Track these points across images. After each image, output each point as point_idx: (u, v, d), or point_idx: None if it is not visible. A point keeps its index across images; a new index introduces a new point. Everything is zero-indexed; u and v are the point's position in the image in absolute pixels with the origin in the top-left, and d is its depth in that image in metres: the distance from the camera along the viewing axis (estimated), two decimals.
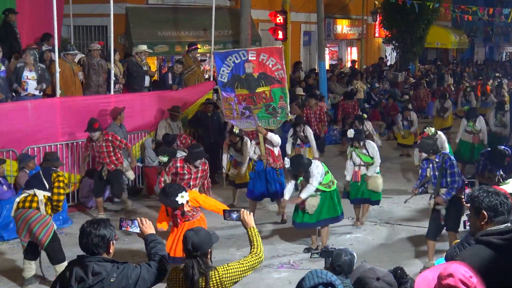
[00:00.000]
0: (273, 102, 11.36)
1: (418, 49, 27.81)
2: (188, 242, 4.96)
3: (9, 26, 13.67)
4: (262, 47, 12.57)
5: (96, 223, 4.71)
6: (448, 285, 3.55)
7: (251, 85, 11.29)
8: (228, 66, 11.32)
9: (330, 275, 4.09)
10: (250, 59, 11.19)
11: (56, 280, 4.77)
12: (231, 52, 11.60)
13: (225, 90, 11.58)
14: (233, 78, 11.36)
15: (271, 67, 11.15)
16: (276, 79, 11.21)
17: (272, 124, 11.56)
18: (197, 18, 20.09)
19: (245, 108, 11.48)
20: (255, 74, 11.24)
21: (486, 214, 4.26)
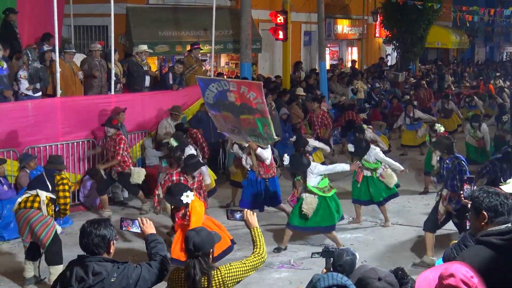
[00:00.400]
0: (258, 128, 11.04)
1: (418, 49, 27.79)
2: (189, 242, 4.96)
3: (9, 26, 13.68)
4: (242, 81, 12.17)
5: (96, 223, 4.71)
6: (449, 285, 3.55)
7: (234, 112, 11.06)
8: (212, 91, 11.12)
9: (346, 279, 4.08)
10: (232, 89, 10.89)
11: (57, 280, 4.77)
12: (213, 80, 11.41)
13: (213, 109, 11.49)
14: (218, 101, 11.18)
15: (251, 100, 10.75)
16: (258, 110, 10.81)
17: (261, 143, 11.23)
18: (198, 18, 20.09)
19: (234, 125, 11.32)
20: (237, 103, 10.94)
21: (486, 215, 4.26)
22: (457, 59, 40.07)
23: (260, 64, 24.65)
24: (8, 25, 13.70)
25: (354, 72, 25.19)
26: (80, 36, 19.47)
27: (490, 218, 4.26)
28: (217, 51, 19.97)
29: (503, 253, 4.01)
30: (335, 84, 22.38)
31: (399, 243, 10.67)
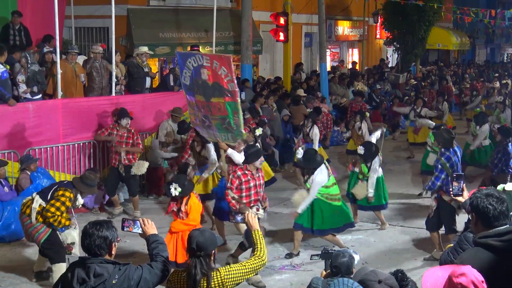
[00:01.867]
0: (228, 116, 10.29)
1: (419, 50, 27.81)
2: (192, 241, 4.97)
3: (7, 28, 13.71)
4: (214, 54, 11.41)
5: (98, 225, 4.72)
6: (459, 283, 3.56)
7: (206, 93, 10.40)
8: (189, 69, 10.52)
9: (357, 285, 4.10)
10: (205, 65, 10.24)
11: (58, 282, 4.78)
12: (189, 54, 10.77)
13: (188, 93, 10.87)
14: (193, 82, 10.58)
15: (223, 78, 10.09)
16: (229, 92, 10.13)
17: (230, 140, 10.49)
18: (199, 19, 20.10)
19: (205, 116, 10.60)
20: (210, 82, 10.27)
21: (475, 217, 4.28)
22: (457, 61, 40.07)
23: (261, 65, 24.66)
24: (6, 27, 13.73)
25: (354, 74, 25.19)
26: (81, 38, 19.49)
27: (478, 220, 4.26)
28: (217, 52, 19.97)
29: (502, 254, 4.01)
30: (335, 86, 22.39)
31: (400, 245, 10.67)
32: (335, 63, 29.12)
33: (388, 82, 26.00)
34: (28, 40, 14.13)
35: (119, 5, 16.31)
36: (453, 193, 5.95)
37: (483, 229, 4.20)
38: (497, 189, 4.43)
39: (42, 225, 8.48)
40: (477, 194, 4.29)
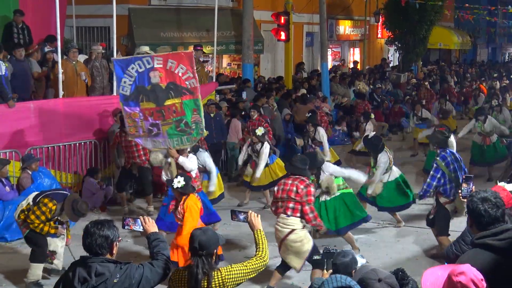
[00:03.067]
0: (185, 116, 9.93)
1: (420, 50, 27.79)
2: (195, 240, 4.98)
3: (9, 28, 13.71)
4: (170, 53, 10.85)
5: (100, 224, 4.74)
6: (459, 282, 3.57)
7: (159, 98, 9.87)
8: (131, 76, 9.85)
9: (350, 280, 4.10)
10: (156, 66, 9.77)
11: (59, 281, 4.79)
12: (133, 60, 10.05)
13: (127, 104, 10.07)
14: (137, 90, 9.90)
15: (180, 76, 9.75)
16: (187, 90, 9.82)
17: (186, 142, 10.10)
18: (200, 19, 20.11)
19: (153, 124, 10.04)
20: (163, 84, 9.82)
21: (470, 219, 4.29)
22: (459, 60, 40.06)
23: (262, 65, 24.66)
24: (9, 26, 13.74)
25: (356, 73, 25.18)
26: (82, 37, 19.50)
27: (473, 222, 4.27)
28: (219, 52, 20.00)
29: (501, 253, 4.01)
30: (336, 85, 22.38)
31: (401, 244, 10.67)
32: (336, 63, 29.11)
33: (389, 81, 25.99)
34: (30, 39, 14.13)
35: (120, 4, 16.33)
36: (462, 195, 5.96)
37: (478, 231, 4.21)
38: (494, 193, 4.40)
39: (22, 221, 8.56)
40: (474, 198, 4.30)
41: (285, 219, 8.20)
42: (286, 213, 8.18)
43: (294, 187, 8.16)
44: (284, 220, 8.21)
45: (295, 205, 8.15)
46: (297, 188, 8.13)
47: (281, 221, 8.26)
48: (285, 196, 8.19)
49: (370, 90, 23.32)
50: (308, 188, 8.17)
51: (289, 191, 8.18)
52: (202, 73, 16.42)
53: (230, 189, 14.25)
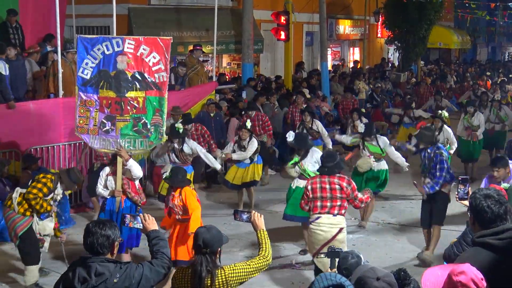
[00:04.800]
0: (146, 115, 8.84)
1: (420, 49, 27.82)
2: (199, 238, 4.99)
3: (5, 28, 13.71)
4: (145, 37, 9.50)
5: (101, 223, 4.74)
6: (459, 281, 3.56)
7: (121, 86, 8.77)
8: (95, 58, 8.78)
9: (340, 277, 4.09)
10: (126, 51, 8.76)
11: (59, 281, 4.78)
12: (100, 40, 8.91)
13: (85, 90, 8.89)
14: (99, 74, 8.83)
15: (151, 66, 8.78)
16: (155, 84, 8.82)
17: (139, 146, 9.00)
18: (200, 18, 20.12)
19: (108, 117, 8.88)
20: (129, 72, 8.77)
21: (472, 217, 4.28)
22: (459, 59, 40.08)
23: (262, 64, 24.67)
24: (4, 26, 13.73)
25: (355, 73, 25.18)
26: None
27: (475, 220, 4.26)
28: (219, 51, 20.00)
29: (501, 253, 4.01)
30: (336, 85, 22.38)
31: (401, 244, 10.67)
32: (336, 62, 29.12)
33: (389, 81, 26.00)
34: (23, 38, 14.11)
35: (120, 4, 16.32)
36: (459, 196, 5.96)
37: (479, 230, 4.20)
38: (497, 190, 4.40)
39: (22, 217, 8.48)
40: (477, 195, 4.29)
41: (331, 218, 8.00)
42: (333, 213, 8.00)
43: (337, 185, 8.01)
44: (331, 219, 8.00)
45: (342, 203, 8.04)
46: (341, 186, 8.00)
47: (326, 221, 8.00)
48: (327, 196, 8.01)
49: (370, 90, 23.33)
50: (352, 185, 8.10)
51: (332, 190, 8.02)
52: (202, 73, 16.44)
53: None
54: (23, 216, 8.51)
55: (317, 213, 8.03)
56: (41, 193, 8.40)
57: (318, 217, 8.02)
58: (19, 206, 8.50)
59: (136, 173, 8.83)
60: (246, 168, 12.33)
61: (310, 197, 8.10)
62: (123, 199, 8.83)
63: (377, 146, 11.42)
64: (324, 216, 7.99)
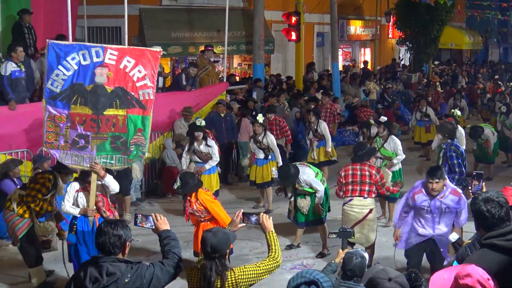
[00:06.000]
0: (126, 134, 7.78)
1: (432, 50, 27.73)
2: (206, 244, 4.99)
3: (19, 27, 13.75)
4: (130, 47, 8.40)
5: (113, 223, 4.77)
6: (465, 285, 3.56)
7: (99, 103, 7.64)
8: (67, 69, 7.58)
9: (316, 273, 4.10)
10: (107, 62, 7.59)
11: (71, 280, 4.80)
12: (77, 48, 7.66)
13: (54, 104, 7.71)
14: (72, 88, 7.64)
15: (135, 81, 7.62)
16: (138, 102, 7.71)
17: (116, 163, 7.92)
18: (211, 19, 20.14)
19: (81, 135, 7.75)
20: (109, 87, 7.61)
21: (476, 221, 4.27)
22: (470, 60, 39.91)
23: (273, 65, 24.67)
24: (18, 26, 13.78)
25: (366, 73, 25.13)
26: (93, 38, 19.55)
27: (479, 224, 4.25)
28: (230, 52, 20.01)
29: (508, 253, 3.99)
30: (347, 85, 22.35)
31: None
32: (347, 63, 29.06)
33: (400, 81, 25.94)
34: (36, 38, 14.17)
35: (132, 4, 16.35)
36: (472, 191, 5.97)
37: (484, 232, 4.19)
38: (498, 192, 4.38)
39: (21, 219, 8.47)
40: (477, 200, 4.29)
41: (362, 201, 8.91)
42: (363, 195, 8.90)
43: (367, 172, 8.94)
44: (362, 201, 8.91)
45: (371, 188, 8.93)
46: (370, 173, 8.93)
47: (357, 203, 8.92)
48: (358, 180, 8.91)
49: (381, 90, 23.29)
50: (380, 173, 9.12)
51: (362, 176, 8.92)
52: (213, 73, 16.45)
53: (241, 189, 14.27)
54: (22, 218, 8.48)
55: (349, 196, 8.95)
56: (40, 194, 8.36)
57: (351, 199, 8.95)
58: (18, 207, 8.47)
59: (114, 189, 8.01)
60: (263, 166, 12.46)
61: (343, 182, 9.02)
62: (96, 217, 7.94)
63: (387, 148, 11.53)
64: (356, 199, 8.92)
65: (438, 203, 7.67)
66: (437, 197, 7.64)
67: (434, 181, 7.53)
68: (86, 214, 7.85)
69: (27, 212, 8.48)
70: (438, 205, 7.68)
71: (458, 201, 7.79)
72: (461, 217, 7.92)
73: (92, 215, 7.86)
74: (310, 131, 13.94)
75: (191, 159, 11.66)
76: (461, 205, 7.84)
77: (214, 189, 11.53)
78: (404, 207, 8.07)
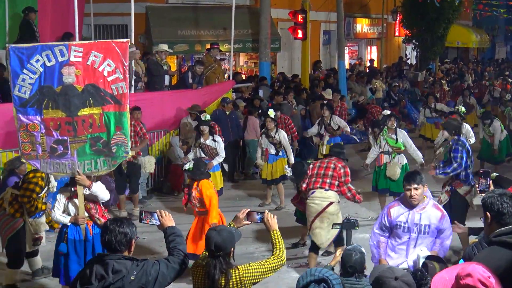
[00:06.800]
0: (105, 133, 7.39)
1: (438, 48, 27.66)
2: (211, 242, 4.99)
3: (28, 25, 13.78)
4: (96, 41, 7.84)
5: (119, 221, 4.78)
6: (466, 285, 3.55)
7: (71, 104, 7.19)
8: (33, 72, 7.12)
9: (325, 271, 4.10)
10: (73, 60, 7.14)
11: (77, 278, 4.81)
12: (39, 49, 7.17)
13: (24, 111, 7.23)
14: (41, 92, 7.17)
15: (106, 76, 7.23)
16: (112, 97, 7.32)
17: (102, 167, 7.50)
18: (217, 17, 20.14)
19: (58, 141, 7.31)
20: (79, 86, 7.18)
21: (489, 215, 4.26)
22: (477, 58, 39.81)
23: (279, 63, 24.65)
24: (27, 24, 13.81)
25: (373, 72, 25.09)
26: (100, 35, 19.57)
27: (493, 219, 4.24)
28: (236, 50, 20.01)
29: None
30: (353, 84, 22.32)
31: None
32: (354, 61, 29.03)
33: (406, 80, 25.89)
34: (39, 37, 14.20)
35: (138, 2, 16.39)
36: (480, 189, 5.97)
37: (497, 228, 4.19)
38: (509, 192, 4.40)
39: (11, 219, 8.44)
40: (490, 194, 4.29)
41: (323, 193, 8.69)
42: (324, 188, 8.70)
43: (332, 165, 8.84)
44: (322, 194, 8.69)
45: (332, 181, 8.74)
46: (335, 166, 8.82)
47: (318, 195, 8.71)
48: (321, 172, 8.78)
49: (387, 88, 23.25)
50: (346, 170, 8.88)
51: (326, 168, 8.82)
52: (219, 71, 16.45)
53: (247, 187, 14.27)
54: (13, 218, 8.44)
55: (311, 187, 8.79)
56: (34, 194, 8.32)
57: (313, 191, 8.77)
58: (10, 206, 8.43)
59: (102, 198, 7.60)
60: (274, 163, 12.50)
61: (308, 175, 8.93)
62: (89, 224, 7.59)
63: (395, 139, 11.47)
64: (317, 191, 8.72)
65: (417, 216, 6.45)
66: (416, 209, 6.46)
67: (412, 186, 6.38)
68: (77, 222, 7.51)
69: (19, 212, 8.44)
70: (417, 219, 6.45)
71: (441, 219, 6.51)
72: (445, 241, 6.62)
73: (84, 222, 7.50)
74: (322, 125, 13.92)
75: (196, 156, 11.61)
76: (444, 225, 6.55)
77: (217, 187, 11.49)
78: (380, 229, 6.74)
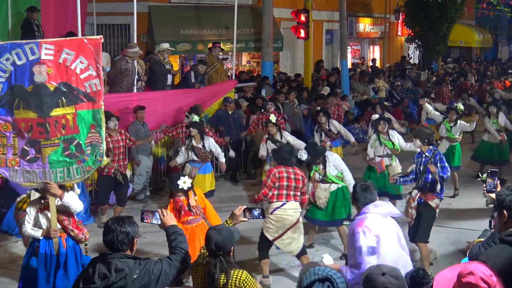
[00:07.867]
0: (78, 134, 7.10)
1: (441, 47, 27.61)
2: (211, 242, 5.01)
3: (29, 24, 13.81)
4: (68, 38, 7.50)
5: (121, 220, 4.79)
6: (468, 283, 3.55)
7: (43, 104, 6.91)
8: (3, 71, 6.86)
9: (328, 270, 4.09)
10: (44, 58, 6.89)
11: (79, 277, 4.82)
12: (8, 47, 6.91)
13: None
14: (12, 91, 6.90)
15: (78, 74, 7.00)
16: (86, 95, 7.09)
17: (75, 175, 7.17)
18: (219, 16, 20.15)
19: (30, 142, 7.01)
20: (51, 85, 6.92)
21: (506, 214, 4.25)
22: (480, 58, 39.78)
23: (282, 62, 24.66)
24: (28, 23, 13.83)
25: (375, 71, 25.09)
26: (102, 34, 19.57)
27: (510, 218, 4.24)
28: (238, 49, 20.02)
29: None
30: (356, 83, 22.33)
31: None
32: (356, 60, 29.02)
33: (409, 79, 25.89)
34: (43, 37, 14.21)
35: (141, 2, 16.38)
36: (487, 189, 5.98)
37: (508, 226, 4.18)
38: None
39: None
40: (502, 192, 4.29)
41: (295, 204, 8.73)
42: (296, 200, 8.74)
43: (300, 176, 8.73)
44: (295, 205, 8.72)
45: (300, 191, 8.78)
46: (303, 177, 8.78)
47: (292, 207, 8.69)
48: (293, 185, 8.65)
49: (389, 88, 23.25)
50: (304, 177, 8.89)
51: (296, 180, 8.68)
52: (221, 71, 16.45)
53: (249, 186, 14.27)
54: None
55: (283, 200, 8.64)
56: None
57: (284, 203, 8.64)
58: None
59: (75, 208, 7.19)
60: None
61: (276, 184, 8.61)
62: (63, 237, 7.25)
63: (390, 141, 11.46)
64: (289, 203, 8.67)
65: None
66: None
67: None
68: (50, 236, 7.13)
69: None
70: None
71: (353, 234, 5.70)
72: None
73: (56, 235, 7.14)
74: (322, 132, 13.43)
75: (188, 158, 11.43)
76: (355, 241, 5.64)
77: (207, 189, 11.37)
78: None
